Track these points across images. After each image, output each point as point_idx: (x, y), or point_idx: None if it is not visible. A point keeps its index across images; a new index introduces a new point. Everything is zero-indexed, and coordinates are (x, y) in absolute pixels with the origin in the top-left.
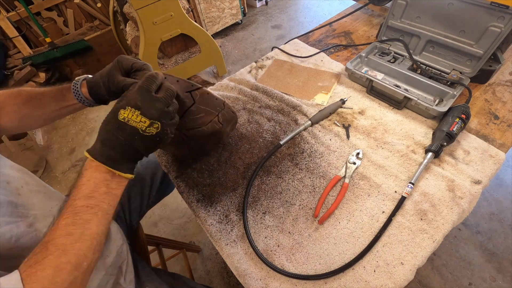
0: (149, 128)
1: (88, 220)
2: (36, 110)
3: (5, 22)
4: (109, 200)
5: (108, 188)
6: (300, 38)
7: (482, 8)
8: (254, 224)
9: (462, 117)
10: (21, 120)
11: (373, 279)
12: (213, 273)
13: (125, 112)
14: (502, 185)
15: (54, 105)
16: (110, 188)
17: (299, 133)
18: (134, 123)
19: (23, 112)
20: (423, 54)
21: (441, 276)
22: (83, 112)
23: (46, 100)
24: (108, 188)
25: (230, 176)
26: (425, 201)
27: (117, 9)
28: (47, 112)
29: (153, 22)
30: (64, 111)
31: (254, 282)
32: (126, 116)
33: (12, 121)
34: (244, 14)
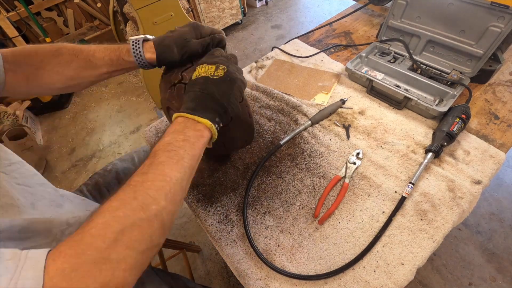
0: (217, 71)
1: (162, 162)
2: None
3: (5, 22)
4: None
5: (185, 136)
6: (300, 38)
7: (482, 8)
8: (254, 224)
9: (462, 117)
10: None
11: (373, 279)
12: (213, 273)
13: (196, 72)
14: (502, 185)
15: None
16: (187, 136)
17: (299, 133)
18: (203, 73)
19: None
20: (423, 54)
21: (441, 276)
22: (83, 112)
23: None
24: (185, 136)
25: (230, 176)
26: (425, 201)
27: (117, 9)
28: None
29: (153, 22)
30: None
31: (254, 282)
32: (197, 73)
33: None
34: (244, 14)
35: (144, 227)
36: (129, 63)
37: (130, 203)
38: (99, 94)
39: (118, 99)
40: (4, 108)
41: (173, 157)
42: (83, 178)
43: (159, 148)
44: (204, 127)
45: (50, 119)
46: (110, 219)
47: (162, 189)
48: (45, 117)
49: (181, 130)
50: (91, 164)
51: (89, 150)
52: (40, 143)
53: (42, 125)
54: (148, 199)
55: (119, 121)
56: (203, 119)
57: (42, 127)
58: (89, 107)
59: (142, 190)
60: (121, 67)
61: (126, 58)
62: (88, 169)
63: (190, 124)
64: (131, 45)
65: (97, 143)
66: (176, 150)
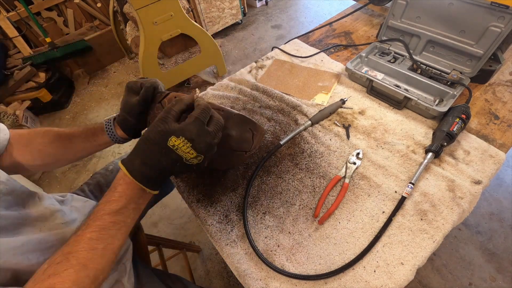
0: (193, 159)
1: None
2: (63, 149)
3: (5, 22)
4: (134, 215)
5: (137, 205)
6: (300, 38)
7: (482, 8)
8: (254, 224)
9: (462, 117)
10: (44, 159)
11: (373, 279)
12: (213, 273)
13: (176, 141)
14: (502, 185)
15: (83, 145)
16: (138, 204)
17: (299, 133)
18: (181, 152)
19: (49, 151)
20: (423, 54)
21: (441, 276)
22: (83, 112)
23: (76, 140)
24: (137, 205)
25: (230, 176)
26: (425, 201)
27: (117, 9)
28: (74, 152)
29: (153, 22)
30: (93, 150)
31: (254, 282)
32: (177, 144)
33: (34, 160)
34: (244, 14)
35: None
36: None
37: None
38: (99, 94)
39: (118, 99)
40: (4, 108)
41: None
42: (83, 178)
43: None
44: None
45: (50, 119)
46: None
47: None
48: (45, 117)
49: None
50: (91, 164)
51: None
52: None
53: (42, 125)
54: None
55: None
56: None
57: (42, 127)
58: (89, 107)
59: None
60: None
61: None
62: (88, 169)
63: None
64: (105, 126)
65: None
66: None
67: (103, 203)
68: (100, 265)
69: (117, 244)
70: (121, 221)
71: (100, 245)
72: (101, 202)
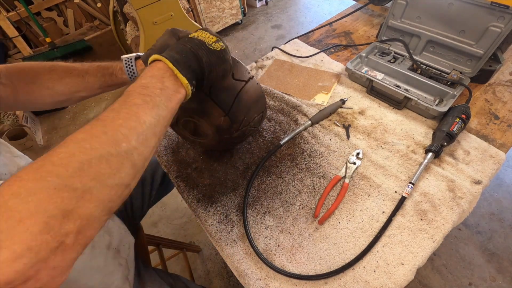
0: (215, 44)
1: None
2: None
3: (5, 22)
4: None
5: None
6: (300, 38)
7: (482, 8)
8: (254, 224)
9: (462, 117)
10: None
11: (373, 279)
12: (213, 273)
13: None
14: (502, 185)
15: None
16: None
17: (299, 133)
18: (202, 38)
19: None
20: (423, 54)
21: (441, 276)
22: (83, 112)
23: (90, 79)
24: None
25: (230, 176)
26: (425, 201)
27: (117, 9)
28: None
29: (153, 22)
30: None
31: (254, 282)
32: (197, 35)
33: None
34: (244, 14)
35: (113, 162)
36: (122, 79)
37: (99, 137)
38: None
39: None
40: None
41: (148, 102)
42: None
43: (134, 89)
44: (181, 84)
45: (50, 119)
46: (75, 149)
47: (134, 130)
48: (45, 117)
49: (160, 78)
50: None
51: None
52: (40, 143)
53: (42, 125)
54: (119, 135)
55: None
56: (182, 76)
57: (42, 127)
58: (89, 107)
59: (112, 126)
60: (113, 83)
61: (119, 75)
62: None
63: (169, 75)
64: (124, 63)
65: None
66: (152, 96)
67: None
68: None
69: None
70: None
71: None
72: None
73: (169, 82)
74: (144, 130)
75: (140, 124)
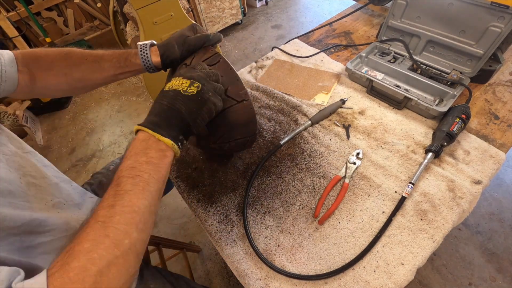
0: (190, 87)
1: (127, 191)
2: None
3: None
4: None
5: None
6: (300, 38)
7: (482, 8)
8: (254, 224)
9: (462, 117)
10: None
11: (373, 279)
12: (213, 273)
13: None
14: (502, 185)
15: (114, 70)
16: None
17: (299, 133)
18: (176, 86)
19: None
20: (423, 54)
21: (441, 276)
22: (83, 112)
23: (105, 64)
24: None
25: (230, 176)
26: (425, 201)
27: (117, 9)
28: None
29: (153, 22)
30: (122, 77)
31: (254, 282)
32: (170, 85)
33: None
34: (244, 14)
35: (120, 264)
36: (136, 65)
37: (103, 242)
38: (99, 94)
39: (118, 99)
40: (4, 108)
41: (138, 183)
42: (83, 178)
43: (122, 174)
44: (167, 146)
45: (50, 119)
46: (86, 262)
47: (132, 221)
48: (45, 117)
49: (143, 151)
50: (91, 164)
51: (89, 150)
52: (40, 143)
53: (42, 125)
54: (120, 234)
55: (119, 121)
56: (165, 138)
57: (42, 127)
58: (89, 107)
59: (112, 226)
60: (128, 69)
61: (134, 60)
62: (88, 169)
63: (152, 143)
64: (139, 49)
65: (97, 143)
66: (141, 176)
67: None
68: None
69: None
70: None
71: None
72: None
73: (153, 152)
74: (141, 216)
75: (136, 213)
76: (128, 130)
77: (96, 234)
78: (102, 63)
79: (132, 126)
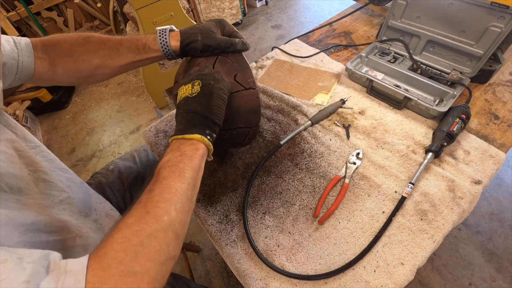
0: (193, 88)
1: (165, 177)
2: (110, 60)
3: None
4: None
5: (181, 151)
6: (300, 38)
7: (482, 8)
8: (254, 224)
9: (462, 117)
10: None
11: (373, 279)
12: (213, 273)
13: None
14: (502, 185)
15: (132, 56)
16: (183, 151)
17: (299, 133)
18: (183, 95)
19: (95, 62)
20: (423, 54)
21: (441, 276)
22: (83, 112)
23: (125, 50)
24: (181, 151)
25: (230, 176)
26: (425, 201)
27: (117, 9)
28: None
29: (153, 22)
30: (140, 64)
31: (254, 282)
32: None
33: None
34: (244, 14)
35: (160, 238)
36: (154, 51)
37: (144, 217)
38: (99, 94)
39: (118, 99)
40: (4, 108)
41: (174, 171)
42: (83, 178)
43: (160, 166)
44: (197, 141)
45: (50, 119)
46: (129, 233)
47: (171, 200)
48: (45, 117)
49: (177, 148)
50: (91, 164)
51: (89, 150)
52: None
53: (42, 125)
54: (159, 211)
55: (119, 121)
56: (192, 135)
57: (42, 127)
58: (89, 107)
59: (152, 204)
60: (146, 55)
61: (152, 46)
62: (88, 169)
63: (183, 141)
64: (158, 34)
65: (97, 143)
66: (176, 165)
67: None
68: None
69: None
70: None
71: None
72: None
73: (185, 147)
74: (179, 197)
75: (173, 194)
76: (128, 130)
77: (138, 212)
78: (120, 49)
79: (132, 126)
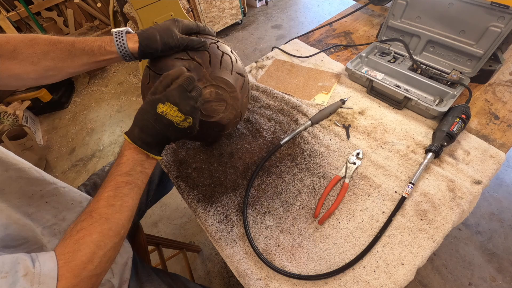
0: (183, 122)
1: (126, 194)
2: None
3: (5, 22)
4: (143, 178)
5: (142, 168)
6: (300, 38)
7: (482, 8)
8: (254, 224)
9: (462, 117)
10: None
11: (373, 279)
12: (213, 273)
13: (163, 107)
14: (502, 185)
15: (87, 58)
16: (144, 167)
17: (299, 133)
18: (171, 117)
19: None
20: (423, 54)
21: (441, 276)
22: (83, 112)
23: (78, 52)
24: (142, 168)
25: (230, 176)
26: (425, 201)
27: (117, 9)
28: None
29: (153, 22)
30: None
31: (254, 282)
32: (165, 110)
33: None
34: (244, 14)
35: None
36: (111, 53)
37: (107, 234)
38: (99, 94)
39: (118, 99)
40: (4, 108)
41: (133, 188)
42: (83, 178)
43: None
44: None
45: (50, 119)
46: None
47: (128, 218)
48: (45, 117)
49: (139, 161)
50: (91, 164)
51: (89, 150)
52: (40, 143)
53: (42, 125)
54: (119, 227)
55: (119, 121)
56: (157, 156)
57: (42, 127)
58: (89, 107)
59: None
60: (102, 57)
61: (108, 48)
62: (88, 169)
63: (146, 158)
64: (114, 36)
65: (97, 143)
66: (135, 182)
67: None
68: (120, 220)
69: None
70: (132, 182)
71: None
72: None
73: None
74: (133, 212)
75: (131, 211)
76: None
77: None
78: (73, 51)
79: None
